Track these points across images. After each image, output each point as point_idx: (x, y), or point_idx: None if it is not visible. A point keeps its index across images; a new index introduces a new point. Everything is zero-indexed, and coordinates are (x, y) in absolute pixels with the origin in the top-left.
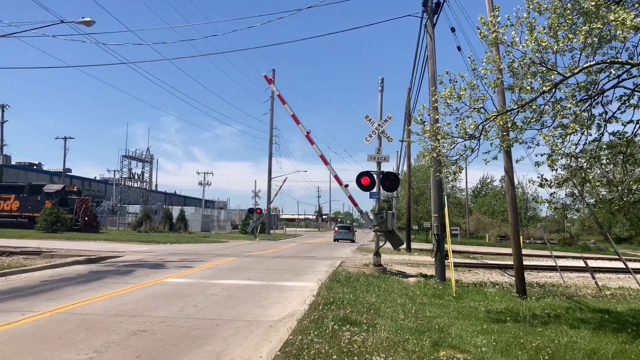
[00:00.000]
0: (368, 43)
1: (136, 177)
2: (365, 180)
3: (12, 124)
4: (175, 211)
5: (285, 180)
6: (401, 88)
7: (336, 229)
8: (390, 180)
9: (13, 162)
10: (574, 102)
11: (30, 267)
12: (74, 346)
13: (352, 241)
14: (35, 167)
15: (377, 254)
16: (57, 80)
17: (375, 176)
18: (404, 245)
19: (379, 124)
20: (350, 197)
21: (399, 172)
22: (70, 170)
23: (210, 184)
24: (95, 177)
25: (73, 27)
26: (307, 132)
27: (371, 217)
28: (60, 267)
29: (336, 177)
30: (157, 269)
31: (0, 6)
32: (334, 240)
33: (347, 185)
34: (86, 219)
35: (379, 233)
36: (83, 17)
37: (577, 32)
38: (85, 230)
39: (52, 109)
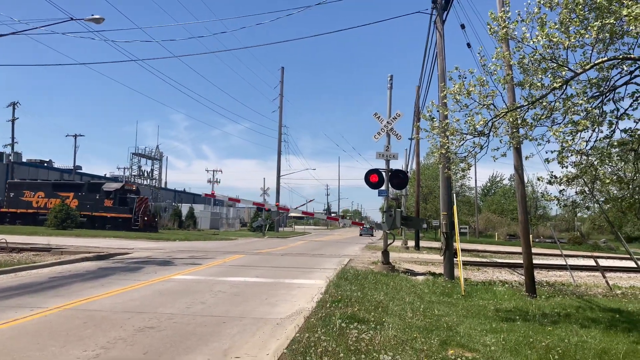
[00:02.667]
0: (377, 40)
1: (146, 174)
2: (374, 178)
3: (22, 121)
4: (185, 209)
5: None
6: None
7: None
8: (399, 178)
9: (24, 159)
10: (585, 98)
11: (40, 264)
12: (82, 342)
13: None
14: (46, 164)
15: (385, 252)
16: (67, 78)
17: (384, 174)
18: (413, 243)
19: (387, 122)
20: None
21: (408, 170)
22: (80, 168)
23: (219, 182)
24: (105, 175)
25: (82, 25)
26: None
27: (384, 221)
28: (69, 264)
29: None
30: (166, 266)
31: (10, 4)
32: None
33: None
34: (146, 218)
35: (388, 232)
36: (92, 15)
37: (589, 27)
38: (145, 230)
39: (63, 107)
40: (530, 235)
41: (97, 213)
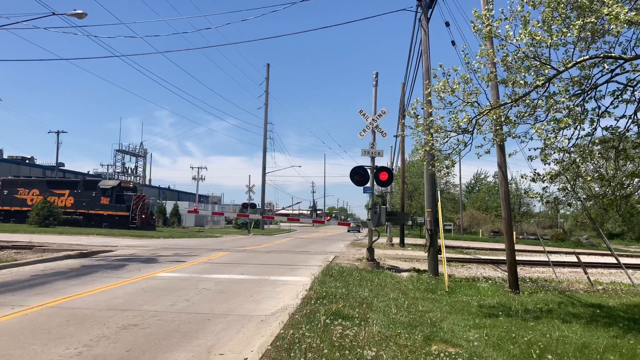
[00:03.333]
0: (363, 38)
1: (130, 171)
2: (359, 175)
3: (3, 117)
4: (169, 206)
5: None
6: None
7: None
8: (384, 175)
9: (5, 156)
10: (567, 96)
11: (21, 262)
12: (64, 340)
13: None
14: (27, 161)
15: (370, 248)
16: (49, 74)
17: (369, 171)
18: (398, 240)
19: (373, 119)
20: None
21: (393, 167)
22: (63, 165)
23: (204, 179)
24: (89, 172)
25: (65, 20)
26: None
27: (369, 218)
28: (52, 262)
29: None
30: (150, 264)
31: None
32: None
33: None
34: (143, 216)
35: (373, 229)
36: (75, 10)
37: (571, 26)
38: (142, 228)
39: (45, 103)
40: (514, 232)
41: (93, 211)
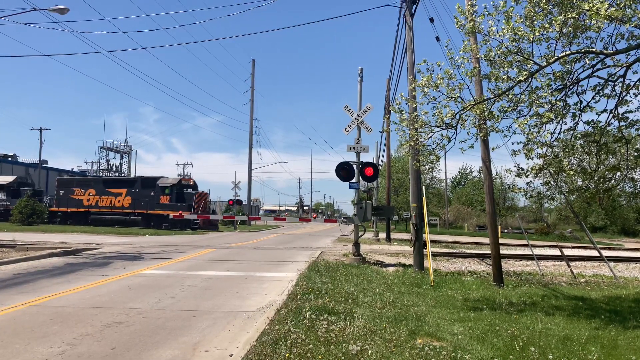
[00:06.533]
0: (348, 33)
1: (114, 168)
2: (344, 171)
3: None
4: None
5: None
6: (381, 78)
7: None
8: (370, 171)
9: None
10: (549, 91)
11: (4, 260)
12: (47, 339)
13: (347, 225)
14: (10, 158)
15: (356, 244)
16: (31, 70)
17: (354, 167)
18: (384, 235)
19: (358, 114)
20: None
21: (379, 162)
22: (46, 162)
23: (189, 175)
24: (72, 169)
25: (46, 15)
26: None
27: (355, 213)
28: (36, 260)
29: None
30: (135, 261)
31: None
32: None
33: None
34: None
35: (359, 224)
36: (56, 5)
37: (553, 21)
38: (205, 228)
39: (27, 99)
40: (499, 226)
41: (152, 211)
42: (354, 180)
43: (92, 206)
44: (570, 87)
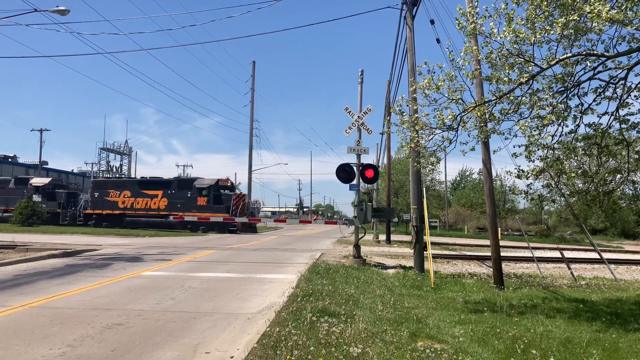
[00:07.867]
0: (349, 35)
1: (115, 169)
2: (344, 173)
3: None
4: None
5: None
6: (382, 80)
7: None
8: (370, 172)
9: None
10: (550, 93)
11: (3, 261)
12: (47, 340)
13: (348, 226)
14: (10, 159)
15: (356, 245)
16: (31, 71)
17: (355, 168)
18: (384, 237)
19: (358, 116)
20: None
21: (379, 164)
22: (47, 163)
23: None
24: (73, 170)
25: (47, 16)
26: None
27: (355, 215)
28: (35, 261)
29: None
30: (135, 262)
31: None
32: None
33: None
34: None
35: (359, 226)
36: (57, 6)
37: (554, 23)
38: (244, 232)
39: (27, 100)
40: (499, 228)
41: (189, 213)
42: (354, 182)
43: (127, 208)
44: (572, 90)
